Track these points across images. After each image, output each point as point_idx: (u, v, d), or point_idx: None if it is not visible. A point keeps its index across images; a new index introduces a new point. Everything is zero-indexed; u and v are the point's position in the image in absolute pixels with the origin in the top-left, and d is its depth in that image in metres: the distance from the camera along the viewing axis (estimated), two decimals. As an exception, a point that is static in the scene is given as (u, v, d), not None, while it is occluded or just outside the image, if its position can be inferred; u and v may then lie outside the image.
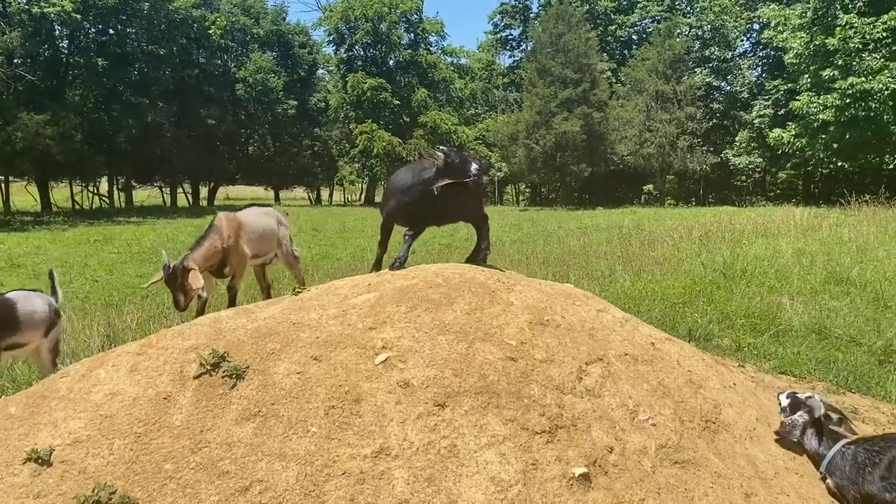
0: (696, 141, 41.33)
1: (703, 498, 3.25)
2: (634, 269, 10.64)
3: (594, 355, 3.77)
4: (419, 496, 2.81)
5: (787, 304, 8.47)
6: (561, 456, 3.11)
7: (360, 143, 46.53)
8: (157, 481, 2.82)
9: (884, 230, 13.79)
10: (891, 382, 6.22)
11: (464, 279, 4.04)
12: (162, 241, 20.06)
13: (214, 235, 5.65)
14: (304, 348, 3.34)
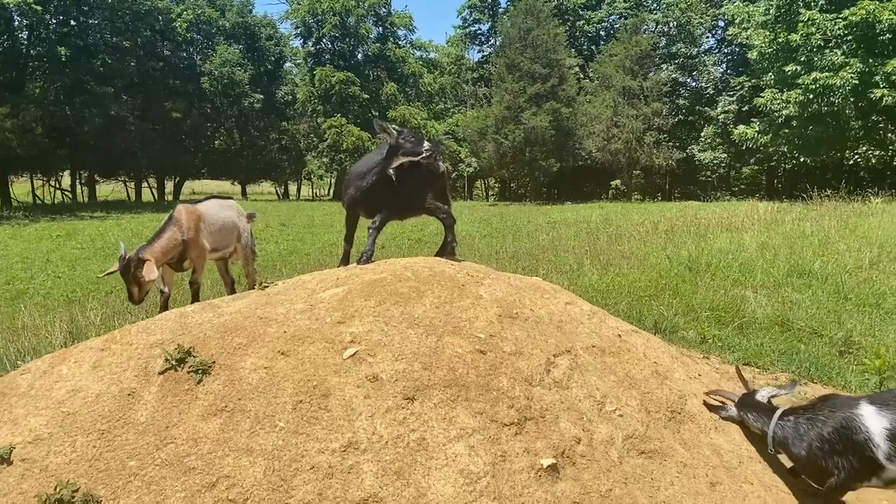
0: (663, 136, 41.83)
1: (669, 487, 3.30)
2: (602, 263, 10.73)
3: (562, 347, 3.79)
4: (388, 489, 2.81)
5: (750, 296, 8.61)
6: (529, 447, 3.13)
7: (329, 137, 46.20)
8: (122, 478, 2.78)
9: (844, 224, 14.09)
10: (851, 373, 6.36)
11: (433, 273, 4.04)
12: (127, 236, 19.70)
13: (174, 227, 5.52)
14: (272, 343, 3.31)
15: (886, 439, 3.32)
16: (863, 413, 3.41)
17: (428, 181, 4.48)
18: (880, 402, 3.46)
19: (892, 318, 8.28)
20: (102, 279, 5.23)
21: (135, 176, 46.35)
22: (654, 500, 3.20)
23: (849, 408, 3.49)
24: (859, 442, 3.37)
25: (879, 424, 3.35)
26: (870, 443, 3.35)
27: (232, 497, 2.72)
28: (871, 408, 3.42)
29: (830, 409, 3.55)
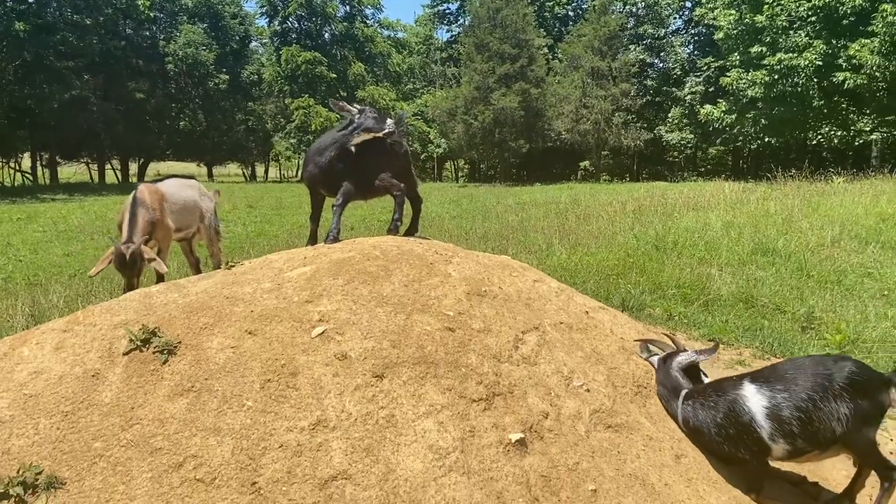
0: (631, 117, 42.16)
1: (635, 460, 3.36)
2: (571, 243, 10.82)
3: (530, 324, 3.82)
4: (357, 466, 2.82)
5: (716, 274, 8.76)
6: (498, 423, 3.16)
7: (297, 118, 45.70)
8: (87, 460, 2.75)
9: (807, 203, 14.36)
10: (812, 348, 6.52)
11: (401, 251, 4.03)
12: (90, 219, 19.35)
13: (142, 209, 5.40)
14: (239, 322, 3.28)
15: (767, 418, 3.34)
16: (745, 394, 3.43)
17: (389, 160, 4.42)
18: (761, 379, 3.47)
19: (853, 294, 8.50)
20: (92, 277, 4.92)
21: (98, 157, 45.38)
22: (621, 473, 3.25)
23: (734, 389, 3.50)
24: (746, 423, 3.39)
25: (759, 404, 3.37)
26: (754, 423, 3.36)
27: (200, 476, 2.70)
28: (752, 387, 3.44)
29: (718, 392, 3.56)
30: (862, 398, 3.30)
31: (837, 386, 3.30)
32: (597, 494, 3.08)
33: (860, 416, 3.30)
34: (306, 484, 2.74)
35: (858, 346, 6.58)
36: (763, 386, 3.42)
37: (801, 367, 3.45)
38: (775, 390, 3.37)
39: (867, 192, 15.42)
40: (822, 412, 3.28)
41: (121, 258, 4.44)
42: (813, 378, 3.35)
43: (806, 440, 3.33)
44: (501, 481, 2.93)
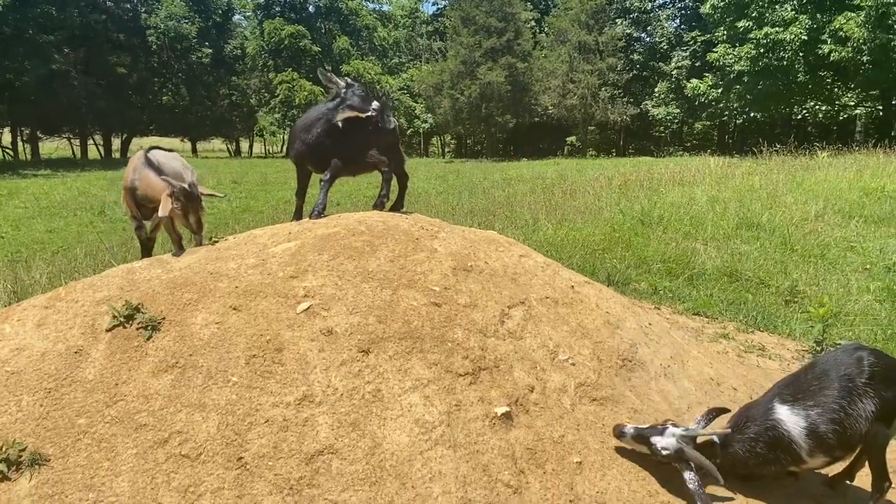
0: (617, 92, 41.98)
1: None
2: (557, 218, 10.82)
3: (516, 299, 3.82)
4: (344, 441, 2.83)
5: (700, 249, 8.80)
6: (484, 396, 3.17)
7: (281, 92, 45.19)
8: (71, 437, 2.74)
9: (792, 178, 14.42)
10: (795, 321, 6.58)
11: (387, 227, 4.01)
12: (73, 195, 19.12)
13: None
14: (223, 298, 3.26)
15: (806, 438, 3.24)
16: (780, 417, 3.29)
17: (377, 136, 4.38)
18: (790, 397, 3.34)
19: (836, 268, 8.58)
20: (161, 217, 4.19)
21: (80, 133, 44.71)
22: (606, 445, 3.29)
23: (767, 415, 3.34)
24: (786, 445, 3.28)
25: (797, 425, 3.26)
26: (794, 445, 3.26)
27: (185, 452, 2.70)
28: (785, 409, 3.30)
29: (751, 421, 3.38)
30: (885, 389, 3.24)
31: (861, 384, 3.23)
32: (582, 466, 3.11)
33: (884, 409, 3.24)
34: (293, 459, 2.74)
35: (841, 319, 6.65)
36: (795, 405, 3.29)
37: (824, 375, 3.33)
38: (807, 407, 3.26)
39: (851, 167, 15.50)
40: (852, 417, 3.22)
41: (187, 192, 4.00)
42: (838, 384, 3.27)
43: (842, 448, 3.28)
44: (487, 454, 2.95)
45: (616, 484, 3.10)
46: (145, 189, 4.24)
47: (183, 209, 3.98)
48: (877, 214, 11.48)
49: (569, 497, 2.95)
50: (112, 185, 21.36)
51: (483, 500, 2.78)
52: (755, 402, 3.55)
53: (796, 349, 5.94)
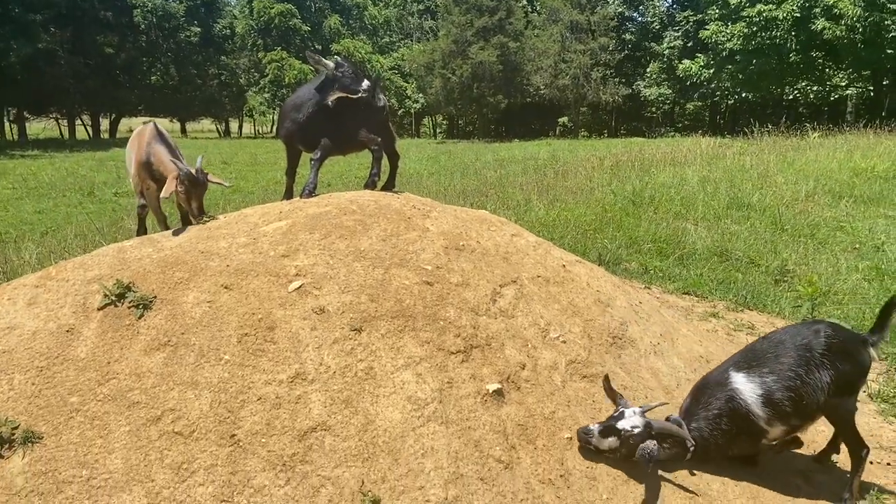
0: (609, 72, 41.87)
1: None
2: (549, 199, 10.82)
3: (508, 278, 3.84)
4: (336, 417, 2.84)
5: (691, 229, 8.84)
6: (476, 374, 3.19)
7: (270, 72, 44.83)
8: (63, 415, 2.74)
9: (783, 158, 14.47)
10: (785, 300, 6.63)
11: (379, 206, 4.00)
12: (62, 175, 18.96)
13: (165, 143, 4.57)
14: (214, 277, 3.26)
15: (763, 406, 3.25)
16: (737, 386, 3.28)
17: (367, 114, 4.36)
18: (745, 365, 3.34)
19: (825, 247, 8.64)
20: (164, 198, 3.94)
21: (67, 113, 44.27)
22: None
23: (723, 386, 3.32)
24: (744, 416, 3.27)
25: (753, 393, 3.26)
26: (752, 415, 3.25)
27: (178, 430, 2.71)
28: (740, 376, 3.30)
29: (709, 394, 3.35)
30: (842, 362, 3.26)
31: (818, 354, 3.25)
32: (573, 442, 3.15)
33: (841, 381, 3.26)
34: (285, 435, 2.76)
35: (830, 298, 6.71)
36: (750, 373, 3.30)
37: (781, 343, 3.36)
38: (763, 374, 3.27)
39: (842, 147, 15.56)
40: (809, 385, 3.24)
41: (193, 177, 3.93)
42: (794, 352, 3.29)
43: (798, 417, 3.29)
44: (479, 430, 2.98)
45: (606, 459, 3.14)
46: (157, 165, 4.19)
47: (186, 193, 3.94)
48: (866, 194, 11.56)
49: (559, 472, 2.99)
50: (101, 166, 21.22)
51: (475, 475, 2.81)
52: (711, 373, 3.54)
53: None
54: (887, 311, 3.47)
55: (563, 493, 2.93)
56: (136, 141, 4.38)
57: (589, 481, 3.02)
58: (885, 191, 11.97)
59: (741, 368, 3.34)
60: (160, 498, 2.54)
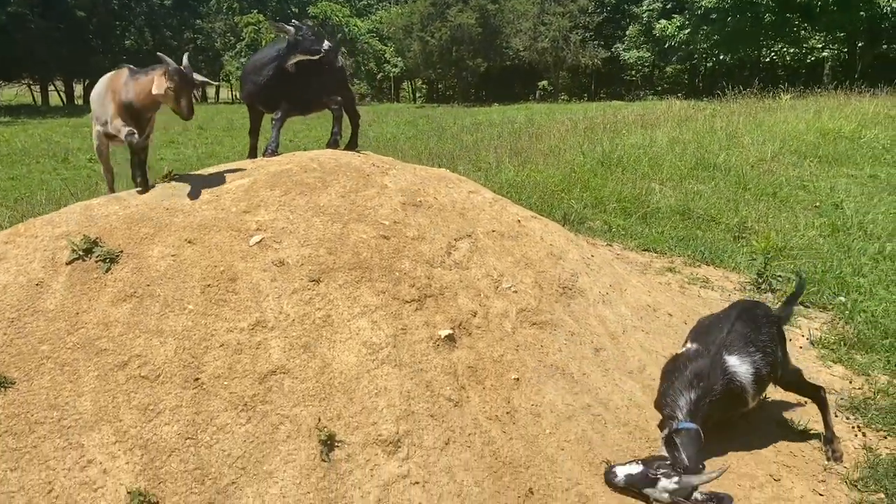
0: (588, 35, 41.70)
1: (557, 353, 3.64)
2: (520, 161, 10.96)
3: (463, 232, 4.02)
4: (295, 361, 3.03)
5: (657, 188, 9.04)
6: (429, 321, 3.38)
7: (247, 35, 44.12)
8: (34, 362, 2.90)
9: (752, 119, 14.67)
10: (741, 255, 6.88)
11: (339, 164, 4.14)
12: (35, 142, 18.78)
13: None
14: (178, 232, 3.40)
15: (753, 383, 3.38)
16: (736, 370, 3.32)
17: (326, 75, 4.47)
18: (734, 348, 3.37)
19: (786, 205, 8.90)
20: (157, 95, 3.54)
21: (40, 79, 43.47)
22: (543, 364, 3.53)
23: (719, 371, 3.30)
24: (738, 395, 3.35)
25: (748, 373, 3.34)
26: (745, 393, 3.36)
27: (144, 374, 2.88)
28: (734, 359, 3.34)
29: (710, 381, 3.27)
30: (781, 334, 3.63)
31: (776, 329, 3.58)
32: (519, 383, 3.36)
33: (785, 349, 3.64)
34: (246, 378, 2.94)
35: (785, 252, 6.97)
36: (741, 354, 3.35)
37: (753, 320, 3.49)
38: (751, 353, 3.36)
39: (811, 109, 15.78)
40: (777, 357, 3.53)
41: (182, 72, 3.69)
42: (766, 328, 3.51)
43: (766, 387, 3.59)
44: (431, 372, 3.18)
45: (550, 398, 3.36)
46: (140, 94, 3.89)
47: (176, 91, 3.72)
48: (831, 155, 11.83)
49: (506, 409, 3.20)
50: (76, 132, 21.00)
51: (425, 412, 3.02)
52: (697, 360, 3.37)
53: (739, 281, 6.25)
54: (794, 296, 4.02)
55: (509, 428, 3.15)
56: (109, 86, 4.07)
57: (534, 417, 3.24)
58: (850, 151, 12.24)
59: (731, 351, 3.36)
60: (128, 436, 2.72)
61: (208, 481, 2.65)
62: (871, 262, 6.69)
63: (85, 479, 2.60)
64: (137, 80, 3.89)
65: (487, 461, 2.97)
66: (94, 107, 4.15)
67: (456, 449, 2.96)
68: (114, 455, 2.67)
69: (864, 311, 5.50)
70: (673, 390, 3.27)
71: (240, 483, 2.66)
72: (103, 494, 2.57)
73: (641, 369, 3.86)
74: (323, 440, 2.77)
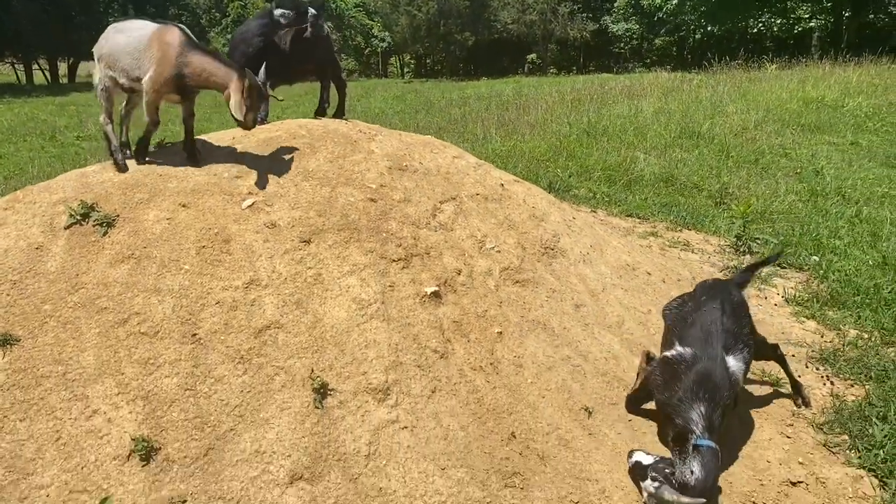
0: (577, 7, 41.51)
1: (538, 308, 3.80)
2: (507, 132, 11.07)
3: (448, 195, 4.15)
4: (288, 317, 3.17)
5: (641, 157, 9.18)
6: (415, 279, 3.53)
7: (233, 11, 43.72)
8: (38, 320, 3.03)
9: (737, 89, 14.78)
10: (721, 220, 7.05)
11: (326, 131, 4.26)
12: (21, 120, 18.66)
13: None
14: (172, 196, 3.53)
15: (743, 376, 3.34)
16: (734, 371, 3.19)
17: (312, 44, 4.56)
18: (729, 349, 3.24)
19: (768, 172, 9.07)
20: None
21: (23, 58, 42.95)
22: (525, 319, 3.70)
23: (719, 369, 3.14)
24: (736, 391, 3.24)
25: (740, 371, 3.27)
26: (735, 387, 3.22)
27: (144, 330, 3.02)
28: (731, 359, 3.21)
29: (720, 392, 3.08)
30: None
31: (747, 310, 3.57)
32: (502, 336, 3.52)
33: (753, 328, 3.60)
34: (242, 333, 3.09)
35: (765, 217, 7.15)
36: (735, 353, 3.24)
37: (734, 311, 3.41)
38: (741, 350, 3.29)
39: (796, 79, 15.90)
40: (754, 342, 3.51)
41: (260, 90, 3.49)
42: (745, 317, 3.49)
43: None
44: (417, 326, 3.33)
45: (531, 350, 3.53)
46: (200, 75, 3.61)
47: (251, 105, 3.55)
48: (813, 123, 11.97)
49: (489, 360, 3.37)
50: (62, 111, 20.90)
51: (412, 363, 3.18)
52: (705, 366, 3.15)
53: (719, 244, 6.42)
54: (757, 266, 4.04)
55: (493, 377, 3.32)
56: (155, 44, 3.64)
57: (516, 368, 3.41)
58: (832, 119, 12.39)
59: (728, 353, 3.22)
60: (130, 388, 2.87)
61: (207, 428, 2.80)
62: (847, 225, 6.88)
63: (91, 428, 2.75)
64: (202, 58, 3.60)
65: (472, 408, 3.13)
66: (113, 52, 3.77)
67: (442, 397, 3.12)
68: (117, 405, 2.82)
69: (839, 271, 5.69)
70: (682, 402, 3.03)
71: (238, 429, 2.81)
72: (108, 441, 2.72)
73: (620, 324, 4.03)
74: (316, 388, 2.93)
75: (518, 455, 3.01)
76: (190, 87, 3.70)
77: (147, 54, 3.64)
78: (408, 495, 2.74)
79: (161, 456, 2.70)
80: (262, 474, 2.69)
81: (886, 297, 5.14)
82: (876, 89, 14.60)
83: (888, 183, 8.50)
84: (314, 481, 2.70)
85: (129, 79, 3.76)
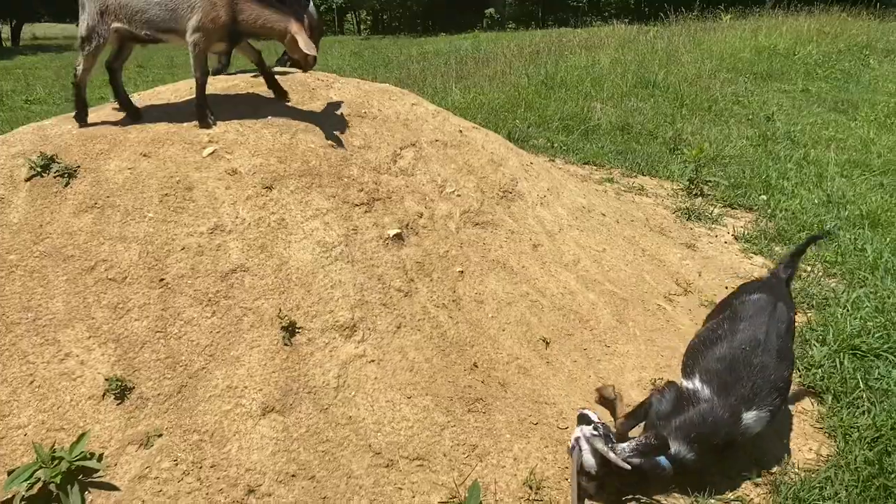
0: (534, -41, 41.14)
1: (497, 249, 3.94)
2: (466, 85, 11.09)
3: (408, 141, 4.23)
4: (254, 261, 3.25)
5: (598, 107, 9.32)
6: (378, 222, 3.63)
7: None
8: (4, 270, 3.06)
9: (692, 39, 14.94)
10: (675, 165, 7.25)
11: (284, 79, 4.28)
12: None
13: None
14: (133, 147, 3.54)
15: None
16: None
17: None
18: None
19: (721, 119, 9.31)
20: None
21: (-40, 20, 41.17)
22: (485, 259, 3.83)
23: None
24: None
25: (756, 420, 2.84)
26: None
27: (111, 276, 3.08)
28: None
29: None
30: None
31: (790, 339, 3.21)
32: (463, 275, 3.66)
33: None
34: (209, 277, 3.16)
35: (717, 161, 7.38)
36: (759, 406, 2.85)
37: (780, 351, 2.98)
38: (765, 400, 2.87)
39: (749, 28, 16.12)
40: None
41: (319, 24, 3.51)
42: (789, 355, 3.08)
43: None
44: (381, 267, 3.44)
45: (492, 287, 3.67)
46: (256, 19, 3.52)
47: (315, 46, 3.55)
48: (765, 71, 12.24)
49: (451, 297, 3.50)
50: (8, 74, 20.18)
51: (378, 301, 3.29)
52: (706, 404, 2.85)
53: (672, 188, 6.63)
54: (800, 251, 3.65)
55: (455, 313, 3.45)
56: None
57: (477, 304, 3.55)
58: (784, 67, 12.68)
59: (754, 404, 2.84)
60: (101, 331, 2.93)
61: (179, 368, 2.89)
62: (795, 167, 7.14)
63: (64, 370, 2.83)
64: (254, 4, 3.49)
65: (436, 342, 3.27)
66: (132, 2, 3.54)
67: (407, 332, 3.25)
68: (89, 348, 2.89)
69: (786, 209, 5.95)
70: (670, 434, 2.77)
71: (209, 368, 2.91)
72: (82, 382, 2.80)
73: (576, 262, 4.19)
74: (285, 327, 3.03)
75: (480, 383, 3.17)
76: (240, 35, 3.62)
77: (187, 3, 3.48)
78: (377, 422, 2.88)
79: (135, 394, 2.79)
80: (234, 408, 2.80)
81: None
82: (826, 37, 14.92)
83: (834, 126, 8.80)
84: (286, 412, 2.82)
85: (158, 30, 3.59)
